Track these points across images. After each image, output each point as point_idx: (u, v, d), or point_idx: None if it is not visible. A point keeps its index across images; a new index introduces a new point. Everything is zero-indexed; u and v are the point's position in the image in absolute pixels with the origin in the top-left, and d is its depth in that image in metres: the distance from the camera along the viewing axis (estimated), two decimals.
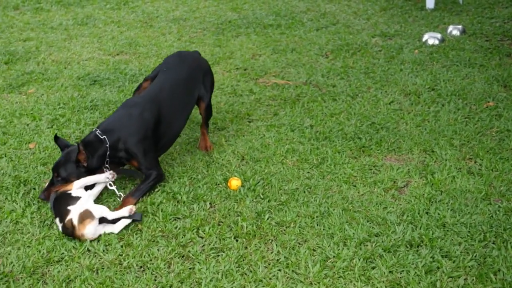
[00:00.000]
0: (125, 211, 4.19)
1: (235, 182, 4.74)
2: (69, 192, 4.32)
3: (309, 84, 6.88)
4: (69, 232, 4.07)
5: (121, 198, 4.54)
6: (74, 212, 4.08)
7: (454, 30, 8.48)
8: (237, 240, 4.12)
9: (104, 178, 4.52)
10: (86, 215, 4.06)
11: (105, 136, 4.54)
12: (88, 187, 4.47)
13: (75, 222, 4.04)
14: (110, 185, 4.58)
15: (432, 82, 6.74)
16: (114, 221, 4.22)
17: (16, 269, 3.82)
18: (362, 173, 4.97)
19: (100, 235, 4.14)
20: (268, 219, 4.34)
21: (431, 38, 8.14)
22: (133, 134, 4.62)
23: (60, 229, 4.13)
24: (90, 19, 10.07)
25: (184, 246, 4.07)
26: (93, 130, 4.64)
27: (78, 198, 4.26)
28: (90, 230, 4.05)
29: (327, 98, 6.46)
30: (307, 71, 7.31)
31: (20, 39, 9.01)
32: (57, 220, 4.17)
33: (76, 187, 4.36)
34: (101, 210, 4.17)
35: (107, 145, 4.53)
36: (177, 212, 4.43)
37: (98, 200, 4.57)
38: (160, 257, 3.94)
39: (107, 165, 4.57)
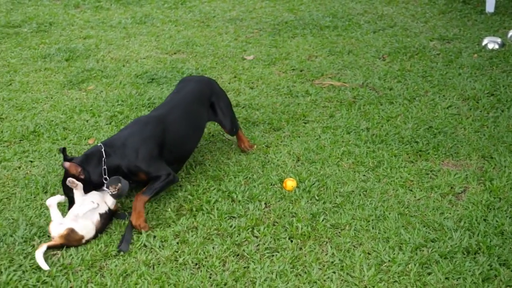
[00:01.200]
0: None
1: (290, 183, 4.74)
2: None
3: (366, 87, 6.84)
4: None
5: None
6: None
7: None
8: (291, 241, 4.12)
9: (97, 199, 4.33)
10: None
11: (103, 150, 4.38)
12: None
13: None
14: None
15: (491, 87, 6.63)
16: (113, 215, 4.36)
17: (75, 262, 3.90)
18: (419, 177, 4.92)
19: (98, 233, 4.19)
20: (323, 221, 4.33)
21: (491, 43, 8.00)
22: (134, 152, 4.43)
23: None
24: (148, 18, 10.20)
25: (239, 245, 4.09)
26: (98, 144, 4.51)
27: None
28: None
29: (383, 101, 6.41)
30: (363, 74, 7.26)
31: (80, 36, 9.18)
32: None
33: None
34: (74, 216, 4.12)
35: (104, 160, 4.35)
36: (232, 211, 4.45)
37: None
38: (215, 255, 3.97)
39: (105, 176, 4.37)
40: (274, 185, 4.82)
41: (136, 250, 4.03)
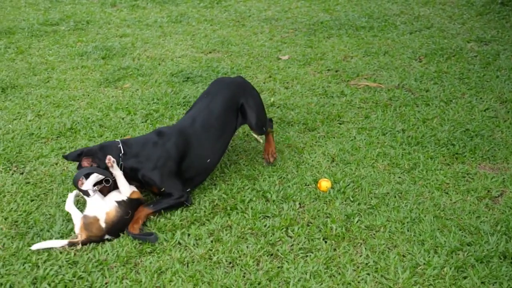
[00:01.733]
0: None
1: (325, 184, 4.73)
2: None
3: (402, 88, 6.79)
4: None
5: None
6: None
7: None
8: (326, 242, 4.11)
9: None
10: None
11: (121, 147, 4.43)
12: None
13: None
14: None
15: None
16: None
17: (110, 258, 3.93)
18: (455, 180, 4.87)
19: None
20: (357, 222, 4.31)
21: None
22: (151, 162, 4.43)
23: None
24: (184, 17, 10.25)
25: (273, 244, 4.09)
26: (115, 140, 4.54)
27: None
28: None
29: (419, 102, 6.36)
30: (399, 75, 7.21)
31: (116, 35, 9.27)
32: None
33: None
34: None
35: (120, 155, 4.38)
36: (266, 210, 4.45)
37: None
38: (249, 254, 3.97)
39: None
40: (308, 185, 4.81)
41: (170, 247, 4.05)
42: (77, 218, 4.13)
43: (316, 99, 6.53)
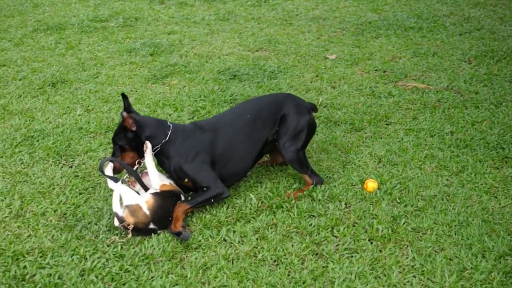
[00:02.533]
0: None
1: (371, 184, 4.69)
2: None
3: (450, 90, 6.70)
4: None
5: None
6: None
7: None
8: (371, 243, 4.08)
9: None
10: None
11: (171, 125, 4.53)
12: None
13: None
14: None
15: None
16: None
17: (156, 252, 3.96)
18: (504, 184, 4.79)
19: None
20: (404, 224, 4.27)
21: None
22: (187, 153, 4.47)
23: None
24: (231, 15, 10.29)
25: (318, 244, 4.07)
26: (169, 123, 4.59)
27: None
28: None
29: (469, 105, 6.27)
30: (448, 76, 7.12)
31: (164, 32, 9.34)
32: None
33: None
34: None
35: (169, 132, 4.49)
36: (312, 209, 4.44)
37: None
38: (294, 253, 3.96)
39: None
40: (354, 185, 4.79)
41: (215, 244, 4.06)
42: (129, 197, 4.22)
43: (363, 99, 6.49)
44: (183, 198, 4.39)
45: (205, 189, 4.42)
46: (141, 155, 4.46)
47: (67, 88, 6.90)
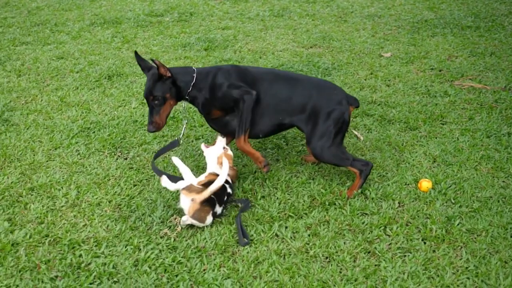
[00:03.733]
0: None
1: (425, 184, 4.64)
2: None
3: (508, 90, 6.57)
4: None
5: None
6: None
7: None
8: (425, 243, 4.03)
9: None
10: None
11: (195, 69, 4.67)
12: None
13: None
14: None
15: None
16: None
17: (208, 245, 3.99)
18: None
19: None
20: (458, 224, 4.21)
21: None
22: (224, 80, 4.62)
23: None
24: (286, 11, 10.28)
25: (370, 242, 4.04)
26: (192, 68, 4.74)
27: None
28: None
29: None
30: (506, 77, 6.99)
31: (219, 27, 9.39)
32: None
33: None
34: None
35: (194, 75, 4.62)
36: (365, 207, 4.41)
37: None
38: (346, 250, 3.95)
39: (187, 97, 4.65)
40: (408, 185, 4.74)
41: (267, 239, 4.07)
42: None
43: (419, 98, 6.42)
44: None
45: (237, 103, 4.56)
46: (179, 100, 4.69)
47: (122, 81, 6.99)
